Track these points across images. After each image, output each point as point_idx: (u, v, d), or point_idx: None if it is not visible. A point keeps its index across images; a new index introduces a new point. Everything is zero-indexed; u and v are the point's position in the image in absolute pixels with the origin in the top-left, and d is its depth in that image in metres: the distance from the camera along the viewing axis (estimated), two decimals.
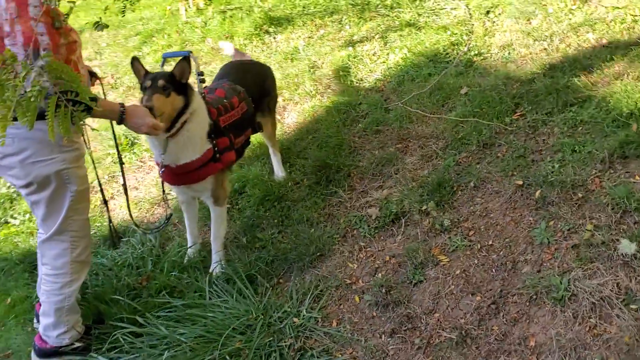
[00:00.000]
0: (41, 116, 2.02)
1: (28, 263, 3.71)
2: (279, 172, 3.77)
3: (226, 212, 3.28)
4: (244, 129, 3.34)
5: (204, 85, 3.22)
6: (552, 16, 4.21)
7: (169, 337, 2.76)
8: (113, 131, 3.04)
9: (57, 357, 2.84)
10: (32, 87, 1.83)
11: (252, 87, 3.44)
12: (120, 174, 3.10)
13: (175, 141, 2.87)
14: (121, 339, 2.82)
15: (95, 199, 4.21)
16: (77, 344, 2.85)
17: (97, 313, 3.05)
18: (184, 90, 2.85)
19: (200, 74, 3.18)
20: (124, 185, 3.09)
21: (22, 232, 4.17)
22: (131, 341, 2.81)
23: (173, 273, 3.20)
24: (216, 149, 3.01)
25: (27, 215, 4.30)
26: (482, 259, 2.73)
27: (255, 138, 4.09)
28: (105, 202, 3.01)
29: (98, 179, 3.05)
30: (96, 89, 2.78)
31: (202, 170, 2.99)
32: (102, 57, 6.52)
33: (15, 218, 4.35)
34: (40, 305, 2.81)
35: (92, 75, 2.78)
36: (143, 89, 2.81)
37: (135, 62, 2.86)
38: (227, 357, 2.61)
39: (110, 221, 3.13)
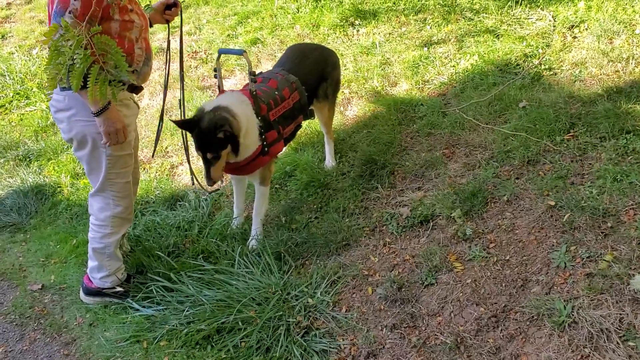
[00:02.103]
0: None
1: None
2: (330, 161, 3.89)
3: (268, 191, 3.50)
4: (295, 117, 3.48)
5: (255, 83, 3.26)
6: (637, 37, 4.02)
7: (195, 296, 3.05)
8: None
9: (99, 297, 3.22)
10: (78, 55, 2.07)
11: (310, 73, 3.53)
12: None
13: None
14: (154, 291, 3.14)
15: (165, 163, 4.60)
16: (119, 289, 3.20)
17: (140, 264, 3.39)
18: (230, 139, 2.99)
19: (252, 74, 3.22)
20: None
21: None
22: (163, 294, 3.13)
23: (214, 240, 3.48)
24: (265, 143, 3.21)
25: None
26: (496, 272, 2.75)
27: (314, 126, 4.27)
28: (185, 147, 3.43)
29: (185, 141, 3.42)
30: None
31: (252, 164, 3.23)
32: (200, 32, 6.92)
33: None
34: None
35: None
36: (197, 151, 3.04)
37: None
38: (240, 323, 2.84)
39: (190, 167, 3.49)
